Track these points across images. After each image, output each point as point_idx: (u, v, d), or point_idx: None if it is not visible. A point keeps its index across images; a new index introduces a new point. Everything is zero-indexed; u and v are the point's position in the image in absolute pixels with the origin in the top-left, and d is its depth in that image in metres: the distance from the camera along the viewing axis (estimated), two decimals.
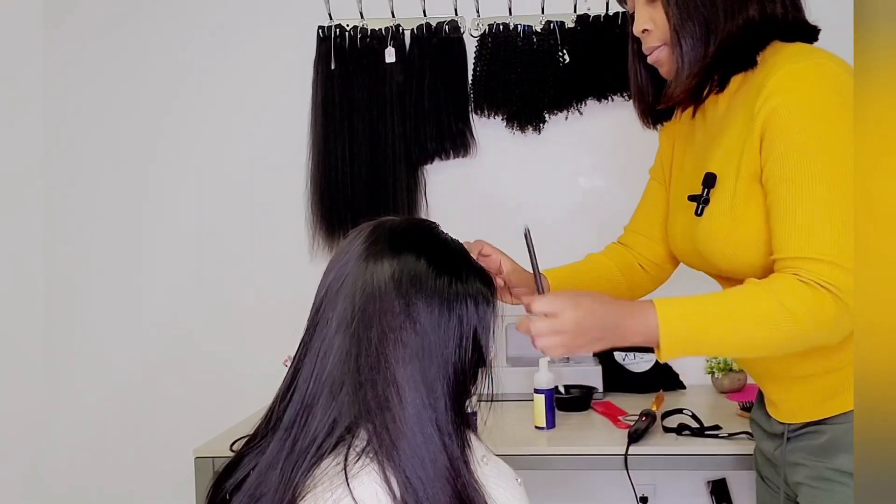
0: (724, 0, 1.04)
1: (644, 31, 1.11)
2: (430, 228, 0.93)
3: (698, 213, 1.09)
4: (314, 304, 0.90)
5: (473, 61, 2.24)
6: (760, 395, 1.28)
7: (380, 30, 2.25)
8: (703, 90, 1.09)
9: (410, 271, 0.85)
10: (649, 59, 1.14)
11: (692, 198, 1.11)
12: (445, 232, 0.95)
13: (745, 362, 1.24)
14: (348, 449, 0.80)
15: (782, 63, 1.01)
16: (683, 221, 1.17)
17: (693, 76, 1.07)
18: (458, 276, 0.87)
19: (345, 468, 0.79)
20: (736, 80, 1.09)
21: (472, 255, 0.95)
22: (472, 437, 0.91)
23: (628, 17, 1.17)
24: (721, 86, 1.09)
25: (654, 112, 1.22)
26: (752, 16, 1.04)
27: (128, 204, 2.39)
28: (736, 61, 1.06)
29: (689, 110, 1.16)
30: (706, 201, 1.08)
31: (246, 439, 0.90)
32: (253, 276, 2.33)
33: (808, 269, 0.93)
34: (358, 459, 0.79)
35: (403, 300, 0.84)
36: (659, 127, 1.27)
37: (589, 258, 1.37)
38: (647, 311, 0.96)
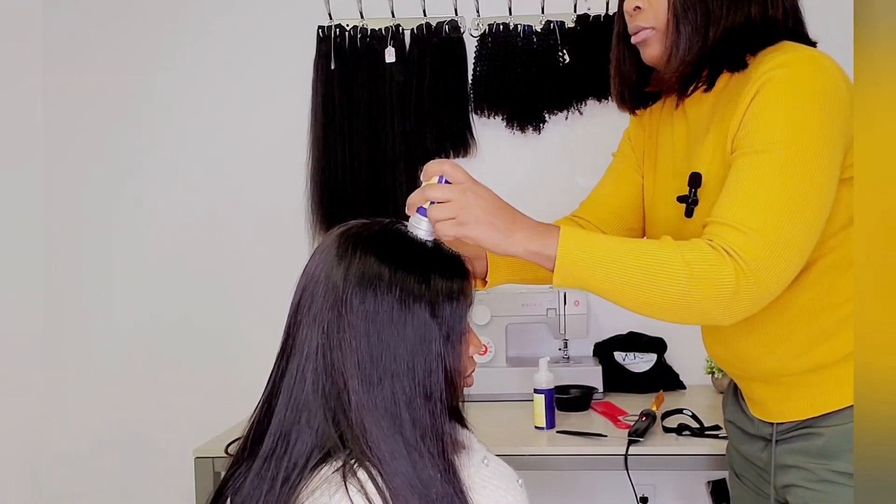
0: None
1: (636, 8, 1.07)
2: (394, 229, 0.91)
3: (688, 215, 1.07)
4: (287, 324, 0.88)
5: (473, 61, 2.24)
6: (734, 394, 1.25)
7: (380, 30, 2.25)
8: (693, 81, 1.07)
9: (369, 278, 0.83)
10: (633, 39, 1.11)
11: (681, 199, 1.09)
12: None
13: (727, 362, 1.19)
14: (344, 464, 0.80)
15: (774, 55, 1.00)
16: (669, 222, 1.15)
17: (687, 64, 1.04)
18: (418, 275, 0.85)
19: (344, 476, 0.79)
20: (722, 80, 1.07)
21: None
22: (473, 439, 0.90)
23: None
24: (709, 83, 1.07)
25: (634, 95, 1.20)
26: (754, 14, 1.03)
27: (127, 204, 2.38)
28: (729, 58, 1.04)
29: (672, 102, 1.14)
30: (695, 202, 1.06)
31: (230, 461, 0.89)
32: (253, 277, 2.33)
33: (723, 234, 0.92)
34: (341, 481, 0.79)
35: (362, 315, 0.82)
36: (638, 112, 1.24)
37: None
38: (551, 227, 0.95)
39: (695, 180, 1.06)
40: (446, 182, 0.94)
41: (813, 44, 1.07)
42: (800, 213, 0.93)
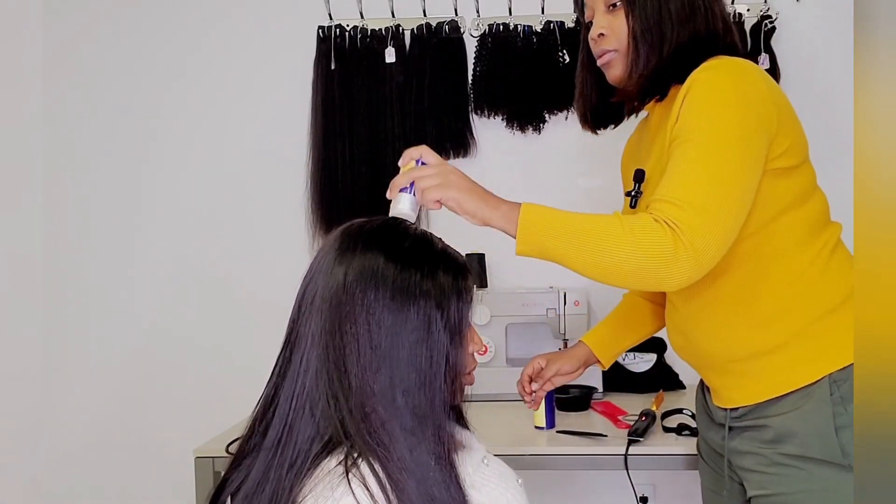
0: (676, 13, 1.18)
1: (600, 35, 1.23)
2: (396, 225, 0.93)
3: (633, 206, 1.25)
4: (291, 317, 0.90)
5: (473, 61, 2.24)
6: (700, 385, 1.38)
7: (380, 30, 2.25)
8: (650, 93, 1.21)
9: (371, 270, 0.85)
10: (599, 62, 1.26)
11: (627, 193, 1.27)
12: (414, 225, 0.95)
13: (685, 351, 1.31)
14: (346, 457, 0.80)
15: (706, 65, 1.14)
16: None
17: (645, 78, 1.20)
18: (421, 269, 0.86)
19: (346, 469, 0.79)
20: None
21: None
22: (473, 439, 0.90)
23: (583, 25, 1.32)
24: (662, 93, 1.21)
25: (595, 117, 1.37)
26: (699, 29, 1.18)
27: (127, 204, 2.39)
28: (678, 70, 1.17)
29: (635, 118, 1.32)
30: (639, 193, 1.24)
31: (231, 458, 0.90)
32: (253, 277, 2.33)
33: (662, 208, 1.05)
34: (344, 473, 0.79)
35: (362, 305, 0.83)
36: (600, 132, 1.39)
37: (625, 298, 1.57)
38: (517, 203, 1.10)
39: (639, 175, 1.25)
40: (423, 164, 1.11)
41: (747, 56, 1.23)
42: (725, 189, 1.05)
